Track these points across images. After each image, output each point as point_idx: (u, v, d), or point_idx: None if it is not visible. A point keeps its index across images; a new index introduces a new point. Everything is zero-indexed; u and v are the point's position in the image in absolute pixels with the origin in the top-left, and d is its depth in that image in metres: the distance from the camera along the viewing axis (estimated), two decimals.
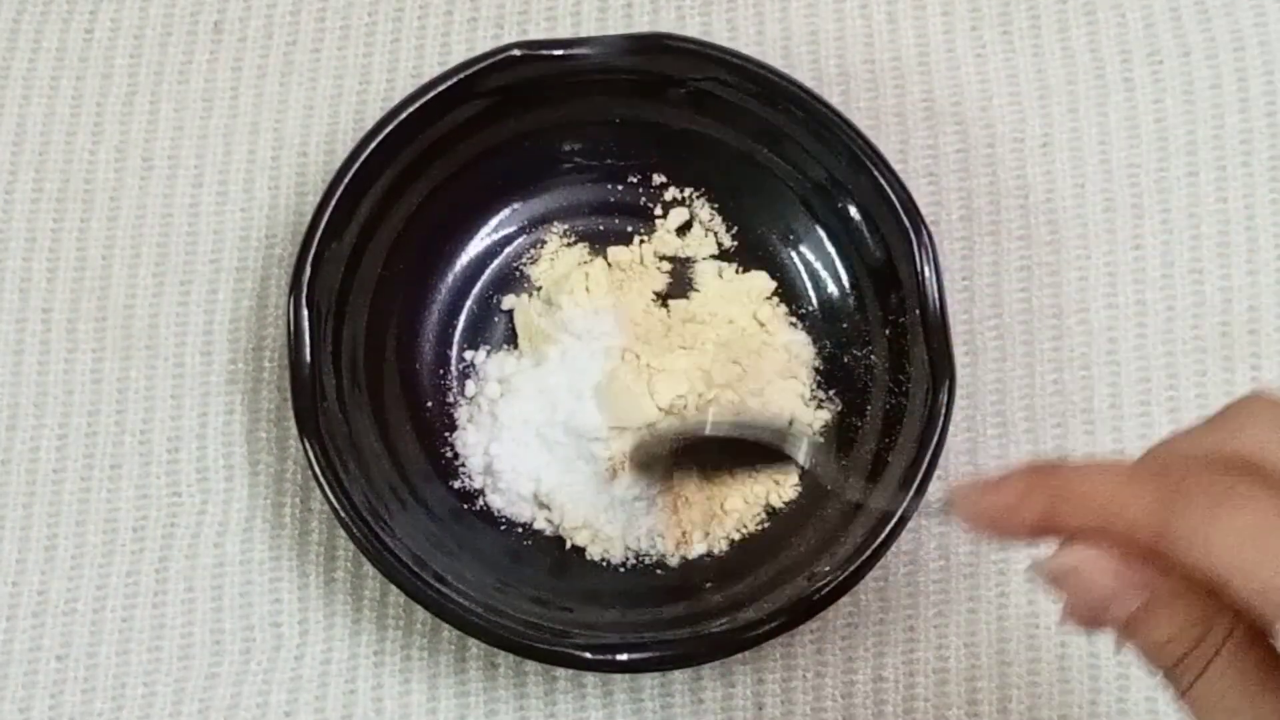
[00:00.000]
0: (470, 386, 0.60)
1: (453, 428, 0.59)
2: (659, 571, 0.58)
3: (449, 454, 0.59)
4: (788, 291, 0.60)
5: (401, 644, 0.58)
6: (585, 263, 0.60)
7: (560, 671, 0.57)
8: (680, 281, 0.61)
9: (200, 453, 0.60)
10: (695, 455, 0.54)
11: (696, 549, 0.58)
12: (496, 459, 0.58)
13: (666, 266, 0.61)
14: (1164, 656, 0.36)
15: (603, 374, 0.58)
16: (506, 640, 0.53)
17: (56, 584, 0.58)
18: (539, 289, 0.60)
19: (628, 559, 0.58)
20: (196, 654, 0.58)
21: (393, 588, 0.55)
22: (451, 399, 0.60)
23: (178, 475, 0.59)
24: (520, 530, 0.58)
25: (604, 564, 0.58)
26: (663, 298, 0.60)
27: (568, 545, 0.58)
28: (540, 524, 0.58)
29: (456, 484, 0.59)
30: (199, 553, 0.59)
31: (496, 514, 0.58)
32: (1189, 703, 0.36)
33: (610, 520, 0.58)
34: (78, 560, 0.59)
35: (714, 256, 0.61)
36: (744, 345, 0.59)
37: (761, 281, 0.60)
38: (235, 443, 0.60)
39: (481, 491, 0.59)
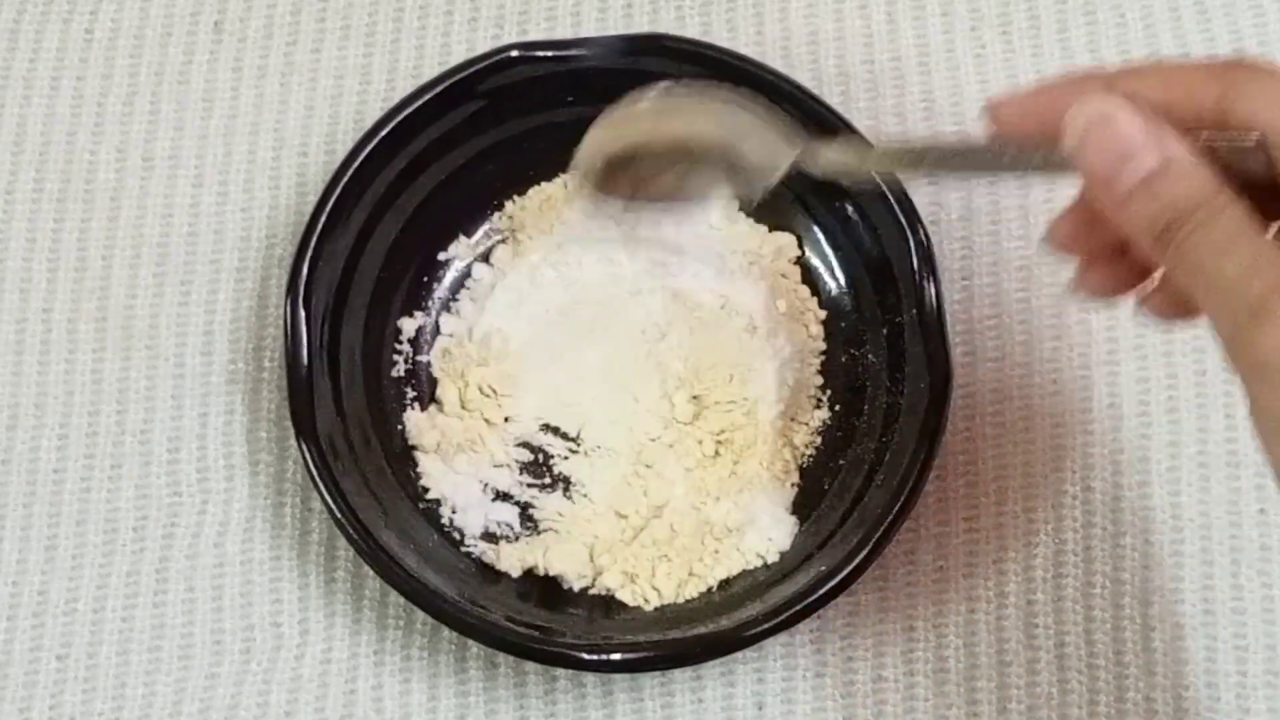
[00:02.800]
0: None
1: None
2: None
3: None
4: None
5: (401, 644, 0.58)
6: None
7: (560, 671, 0.57)
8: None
9: (200, 453, 0.60)
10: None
11: (691, 589, 0.57)
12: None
13: None
14: (1168, 213, 0.39)
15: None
16: (505, 641, 0.53)
17: (56, 584, 0.58)
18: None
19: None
20: (196, 654, 0.58)
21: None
22: None
23: (178, 475, 0.60)
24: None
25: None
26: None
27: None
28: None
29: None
30: (199, 553, 0.59)
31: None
32: (1176, 254, 0.39)
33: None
34: (78, 560, 0.59)
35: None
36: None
37: (787, 241, 0.60)
38: (235, 443, 0.60)
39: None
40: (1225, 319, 0.38)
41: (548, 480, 0.59)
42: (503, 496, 0.58)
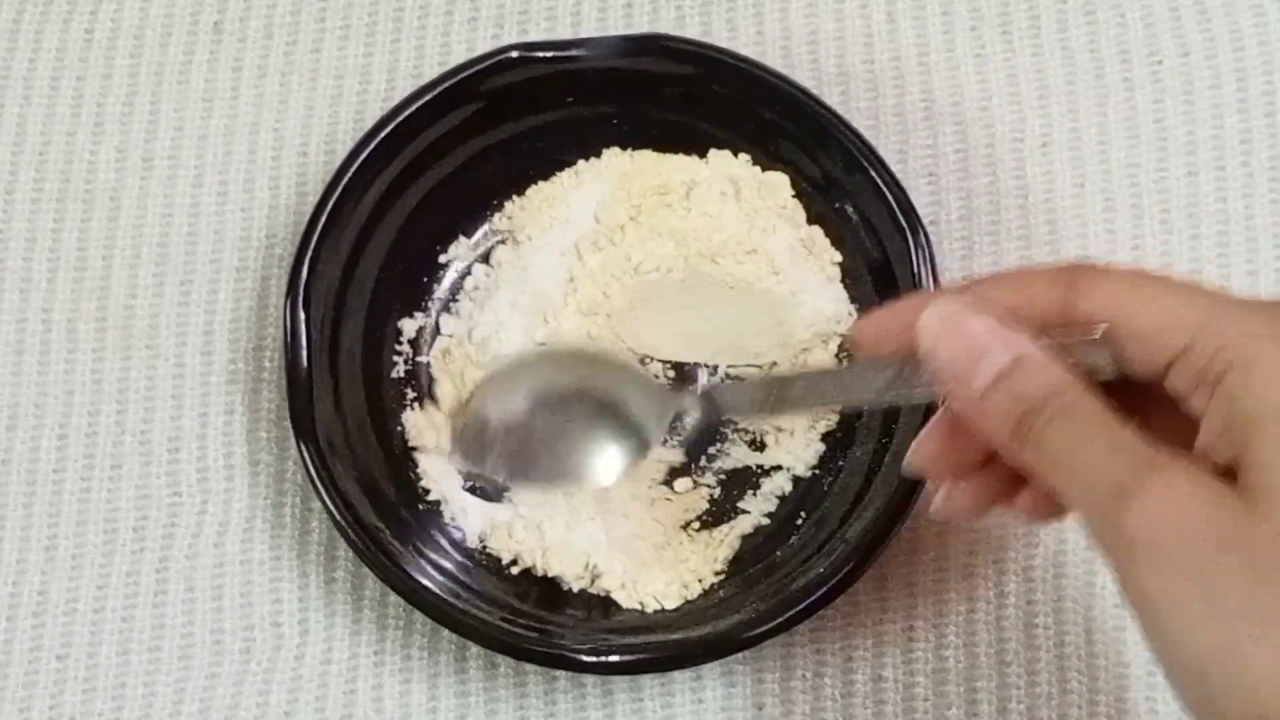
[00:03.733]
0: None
1: None
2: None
3: None
4: None
5: (401, 644, 0.58)
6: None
7: (560, 671, 0.57)
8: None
9: (200, 453, 0.60)
10: None
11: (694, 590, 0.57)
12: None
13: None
14: (1023, 405, 0.40)
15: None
16: (505, 644, 0.53)
17: (56, 584, 0.59)
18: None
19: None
20: (196, 654, 0.58)
21: None
22: None
23: (178, 475, 0.60)
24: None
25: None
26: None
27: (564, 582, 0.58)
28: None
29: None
30: (199, 553, 0.59)
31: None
32: (1036, 446, 0.40)
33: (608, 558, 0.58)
34: (78, 560, 0.59)
35: None
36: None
37: (780, 180, 0.60)
38: (235, 443, 0.60)
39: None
40: (1089, 504, 0.39)
41: None
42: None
